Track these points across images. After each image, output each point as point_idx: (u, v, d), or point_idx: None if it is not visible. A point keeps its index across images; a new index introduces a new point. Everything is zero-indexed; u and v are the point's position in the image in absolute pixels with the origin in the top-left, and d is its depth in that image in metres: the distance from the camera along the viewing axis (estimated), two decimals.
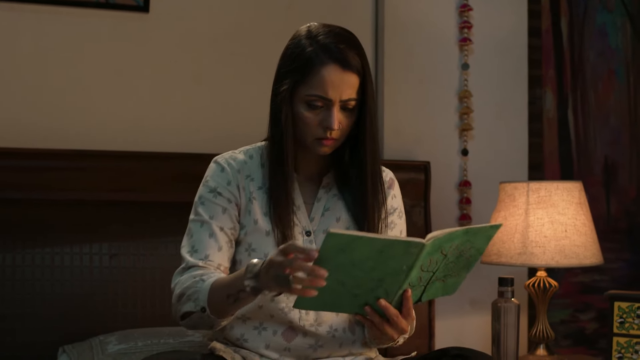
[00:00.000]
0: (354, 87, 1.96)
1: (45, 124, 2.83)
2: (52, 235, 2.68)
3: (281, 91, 1.99)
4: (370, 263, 1.68)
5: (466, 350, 1.95)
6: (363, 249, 1.65)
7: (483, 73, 3.26)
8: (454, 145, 3.24)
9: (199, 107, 3.00)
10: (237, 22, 3.05)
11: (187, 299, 1.90)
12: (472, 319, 3.22)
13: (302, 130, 1.99)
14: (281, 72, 2.02)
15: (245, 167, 2.06)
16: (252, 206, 2.03)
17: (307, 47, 1.96)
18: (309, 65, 1.95)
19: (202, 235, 2.00)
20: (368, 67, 2.00)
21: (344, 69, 1.94)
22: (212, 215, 2.02)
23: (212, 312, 1.87)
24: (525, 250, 2.73)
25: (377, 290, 1.74)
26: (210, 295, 1.86)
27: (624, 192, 3.63)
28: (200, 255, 1.99)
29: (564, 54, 3.56)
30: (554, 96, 3.54)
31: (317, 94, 1.94)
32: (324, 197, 2.09)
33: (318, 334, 2.03)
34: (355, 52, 1.97)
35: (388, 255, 1.67)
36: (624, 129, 3.64)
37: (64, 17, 2.86)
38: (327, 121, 1.95)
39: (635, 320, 2.68)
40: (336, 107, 1.95)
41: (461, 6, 3.23)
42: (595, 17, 3.62)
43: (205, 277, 1.92)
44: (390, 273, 1.71)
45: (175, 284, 1.97)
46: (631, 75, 3.66)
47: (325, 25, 2.03)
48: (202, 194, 2.06)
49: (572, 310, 3.50)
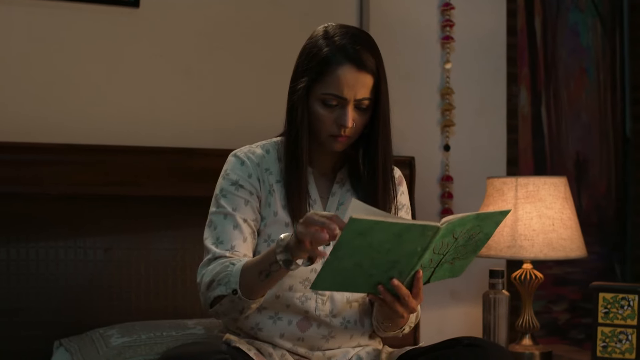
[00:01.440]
0: (368, 87, 2.02)
1: (37, 118, 2.83)
2: (46, 230, 2.68)
3: (298, 89, 2.04)
4: (387, 245, 1.74)
5: (478, 339, 2.01)
6: (382, 232, 1.71)
7: (464, 71, 3.33)
8: (436, 141, 3.31)
9: (190, 101, 3.02)
10: (226, 17, 3.07)
11: (217, 284, 1.94)
12: (454, 311, 3.30)
13: (317, 127, 2.05)
14: (299, 70, 2.08)
15: (264, 160, 2.12)
16: (272, 198, 2.08)
17: (324, 47, 2.02)
18: (325, 64, 2.01)
19: (226, 227, 2.05)
20: (383, 68, 2.06)
21: (359, 69, 2.01)
22: (235, 207, 2.06)
23: (244, 294, 1.90)
24: (514, 243, 2.81)
25: (391, 271, 1.80)
26: (242, 276, 1.90)
27: (594, 187, 3.74)
28: (226, 246, 2.03)
29: (538, 52, 3.66)
30: (528, 93, 3.63)
31: (332, 93, 2.00)
32: (338, 192, 2.16)
33: (332, 325, 2.09)
34: (370, 53, 2.03)
35: (405, 239, 1.74)
36: (594, 126, 3.75)
37: (54, 11, 2.86)
38: (342, 119, 2.01)
39: (619, 310, 2.78)
40: (350, 106, 2.02)
41: (443, 5, 3.30)
42: (567, 16, 3.72)
43: (235, 261, 1.96)
44: (405, 255, 1.78)
45: (203, 274, 2.01)
46: (601, 73, 3.77)
47: (342, 26, 2.08)
48: (224, 186, 2.10)
49: (546, 301, 3.59)
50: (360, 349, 2.17)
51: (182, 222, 2.83)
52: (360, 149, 2.16)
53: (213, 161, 2.90)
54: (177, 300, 2.77)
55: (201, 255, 2.77)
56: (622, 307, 2.77)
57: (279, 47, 3.11)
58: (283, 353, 2.08)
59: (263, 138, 2.26)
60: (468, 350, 1.96)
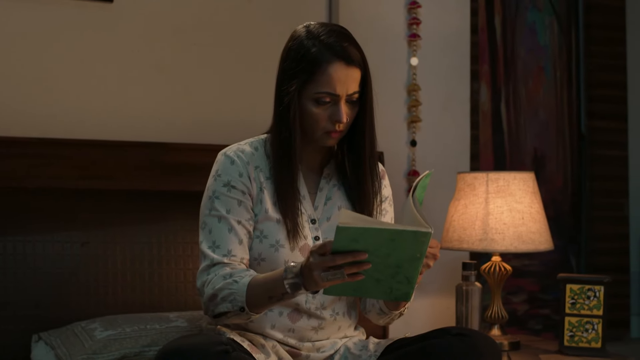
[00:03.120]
0: (357, 81, 2.09)
1: (10, 112, 2.82)
2: (21, 224, 2.68)
3: (290, 91, 2.07)
4: (385, 250, 1.78)
5: (466, 329, 2.07)
6: (374, 238, 1.76)
7: (430, 68, 3.40)
8: (403, 137, 3.37)
9: (163, 96, 3.04)
10: (199, 13, 3.10)
11: (222, 301, 1.99)
12: (422, 302, 3.36)
13: (311, 126, 2.09)
14: (287, 73, 2.10)
15: (253, 158, 2.15)
16: (263, 195, 2.12)
17: (312, 48, 2.07)
18: (315, 64, 2.06)
19: (221, 231, 2.08)
20: (366, 60, 2.13)
21: (348, 65, 2.07)
22: (228, 209, 2.09)
23: (251, 310, 1.97)
24: (485, 236, 2.89)
25: (397, 276, 1.83)
26: (248, 296, 1.96)
27: (551, 182, 3.85)
28: (223, 251, 2.06)
29: (498, 50, 3.75)
30: (488, 90, 3.73)
31: (325, 91, 2.06)
32: (325, 187, 2.21)
33: (322, 317, 2.15)
34: (355, 48, 2.10)
35: (399, 244, 1.77)
36: (551, 122, 3.86)
37: (28, 5, 2.85)
38: (337, 115, 2.07)
39: (586, 301, 2.88)
40: (343, 102, 2.08)
41: (410, 3, 3.36)
42: (526, 15, 3.82)
43: (237, 277, 2.00)
44: (406, 260, 1.81)
45: (204, 282, 2.05)
46: (558, 71, 3.88)
47: (323, 24, 2.13)
48: (216, 188, 2.12)
49: (505, 293, 3.69)
50: (347, 340, 2.23)
51: (158, 216, 2.85)
52: (345, 143, 2.21)
53: (187, 155, 2.95)
54: (154, 294, 2.79)
55: (178, 249, 2.83)
56: (588, 297, 2.87)
57: (251, 44, 3.15)
58: (274, 344, 2.12)
59: (236, 133, 2.29)
60: (457, 339, 2.01)
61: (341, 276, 1.78)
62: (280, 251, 2.10)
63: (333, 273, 1.78)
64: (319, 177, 2.22)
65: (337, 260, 1.77)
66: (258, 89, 2.90)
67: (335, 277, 1.79)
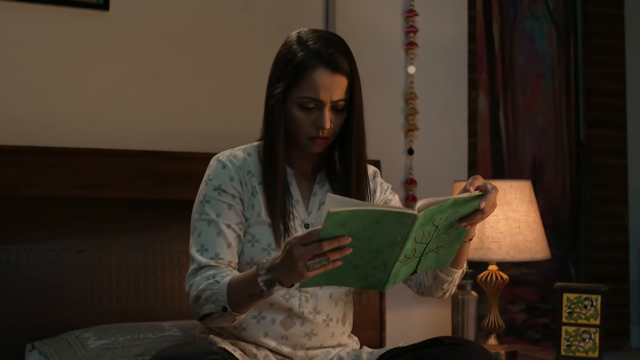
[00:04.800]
0: (343, 88, 2.08)
1: (4, 120, 2.81)
2: (16, 233, 2.66)
3: (275, 94, 2.08)
4: (367, 233, 1.76)
5: (460, 339, 2.06)
6: (360, 220, 1.74)
7: (428, 76, 3.40)
8: (400, 145, 3.37)
9: (159, 104, 3.03)
10: (195, 20, 3.09)
11: (205, 302, 1.97)
12: (418, 312, 3.35)
13: (296, 130, 2.10)
14: (274, 76, 2.12)
15: (246, 163, 2.15)
16: (256, 200, 2.12)
17: (299, 52, 2.07)
18: (301, 69, 2.06)
19: (210, 234, 2.08)
20: (356, 69, 2.12)
21: (333, 72, 2.06)
22: (218, 213, 2.09)
23: (234, 310, 1.95)
24: (482, 245, 2.87)
25: (375, 261, 1.82)
26: (229, 295, 1.94)
27: (549, 190, 3.84)
28: (210, 254, 2.06)
29: (496, 58, 3.74)
30: (487, 98, 3.72)
31: (309, 96, 2.06)
32: (319, 192, 2.21)
33: (315, 322, 2.14)
34: (343, 56, 2.09)
35: (383, 226, 1.76)
36: (550, 130, 3.85)
37: (24, 13, 2.85)
38: (320, 121, 2.06)
39: (583, 310, 2.87)
40: (327, 108, 2.07)
41: (407, 11, 3.36)
42: (524, 23, 3.82)
43: (219, 277, 1.99)
44: (387, 244, 1.79)
45: (190, 285, 2.04)
46: (556, 79, 3.87)
47: (315, 31, 2.13)
48: (207, 192, 2.12)
49: (503, 302, 3.67)
50: (341, 349, 2.21)
51: (152, 224, 2.84)
52: (336, 150, 2.21)
53: (182, 164, 2.94)
54: (149, 302, 2.77)
55: (173, 257, 2.82)
56: (585, 307, 2.86)
57: (247, 51, 3.14)
58: (266, 354, 2.11)
59: (233, 141, 2.29)
60: (450, 349, 1.99)
61: (327, 262, 1.75)
62: (272, 255, 2.08)
63: (319, 261, 1.75)
64: (312, 183, 2.22)
65: (324, 247, 1.74)
66: (255, 96, 2.85)
67: (321, 264, 1.75)
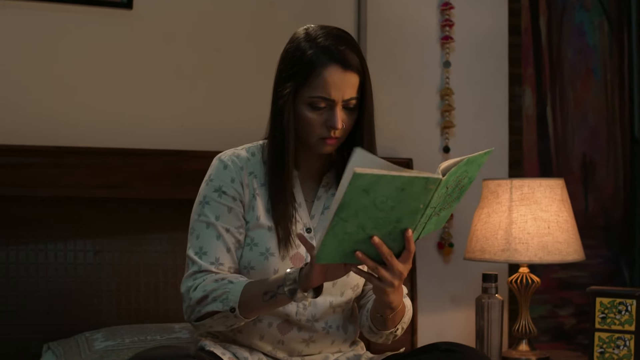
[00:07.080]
0: (355, 87, 1.99)
1: (28, 121, 2.82)
2: (35, 232, 2.67)
3: (284, 94, 2.00)
4: (390, 203, 1.67)
5: (455, 345, 1.97)
6: (385, 187, 1.64)
7: (464, 71, 3.29)
8: (436, 143, 3.27)
9: (183, 103, 3.00)
10: (220, 19, 3.05)
11: (212, 300, 1.93)
12: (454, 315, 3.25)
13: (306, 131, 2.01)
14: (282, 75, 2.03)
15: (249, 164, 2.09)
16: (256, 202, 2.06)
17: (308, 50, 1.98)
18: (310, 67, 1.97)
19: (209, 238, 2.03)
20: (366, 66, 2.03)
21: (345, 70, 1.97)
22: (217, 215, 2.04)
23: (242, 312, 1.91)
24: (508, 246, 2.75)
25: (393, 232, 1.74)
26: (242, 295, 1.91)
27: (601, 189, 3.67)
28: (210, 259, 2.01)
29: (543, 53, 3.60)
30: (533, 94, 3.57)
31: (320, 96, 1.97)
32: (323, 196, 2.12)
33: (313, 329, 2.06)
34: (354, 52, 2.00)
35: (408, 194, 1.67)
36: (602, 127, 3.69)
37: (48, 13, 2.85)
38: (331, 121, 1.98)
39: (617, 315, 2.72)
40: (339, 107, 1.98)
41: (443, 4, 3.25)
42: (573, 15, 3.66)
43: (232, 278, 1.96)
44: (408, 212, 1.71)
45: (189, 288, 2.00)
46: (608, 73, 3.71)
47: (323, 27, 2.04)
48: (207, 193, 2.07)
49: (551, 306, 3.53)
50: (341, 355, 2.13)
51: (173, 225, 2.80)
52: (345, 152, 2.11)
53: (206, 163, 2.85)
54: (168, 304, 2.75)
55: None
56: (619, 312, 2.71)
57: (273, 49, 3.02)
58: (260, 357, 2.05)
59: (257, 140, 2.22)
60: (446, 355, 1.93)
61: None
62: (270, 260, 2.02)
63: None
64: (318, 185, 2.14)
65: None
66: None
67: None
